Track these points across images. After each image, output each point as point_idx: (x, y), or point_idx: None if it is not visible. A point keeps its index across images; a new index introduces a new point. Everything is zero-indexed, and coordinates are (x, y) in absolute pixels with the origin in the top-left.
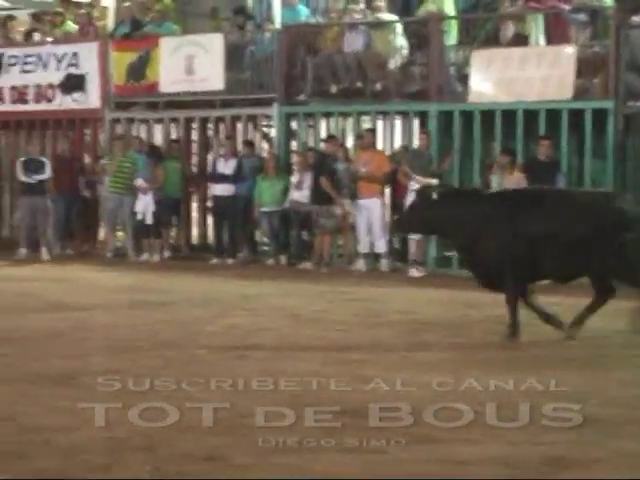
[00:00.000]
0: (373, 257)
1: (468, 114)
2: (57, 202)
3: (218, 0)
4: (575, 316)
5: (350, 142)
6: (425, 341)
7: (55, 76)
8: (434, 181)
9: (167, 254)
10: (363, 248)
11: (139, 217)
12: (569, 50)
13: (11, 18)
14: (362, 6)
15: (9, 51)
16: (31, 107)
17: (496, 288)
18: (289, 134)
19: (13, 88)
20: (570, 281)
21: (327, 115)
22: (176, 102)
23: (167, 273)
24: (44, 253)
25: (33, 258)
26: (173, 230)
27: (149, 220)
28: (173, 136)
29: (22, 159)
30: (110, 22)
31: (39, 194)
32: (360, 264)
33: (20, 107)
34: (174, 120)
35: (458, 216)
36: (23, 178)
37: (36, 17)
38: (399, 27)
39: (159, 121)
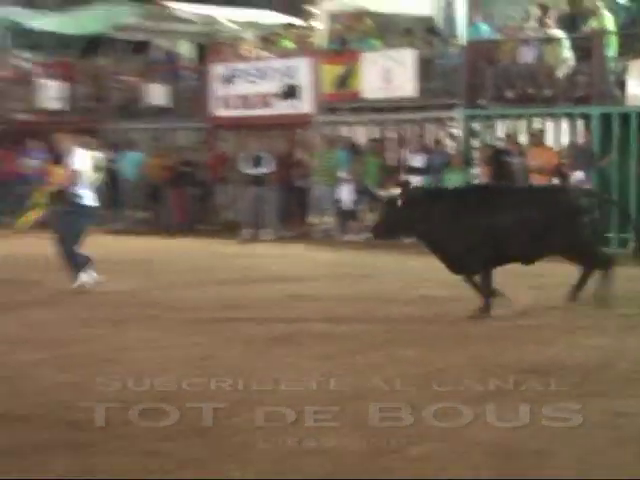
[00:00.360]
0: None
1: (626, 116)
2: (276, 191)
3: (411, 21)
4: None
5: (523, 140)
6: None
7: (275, 86)
8: (397, 190)
9: (366, 235)
10: None
11: (342, 203)
12: None
13: (239, 39)
14: (534, 24)
15: (238, 66)
16: (254, 112)
17: (465, 272)
18: (471, 134)
19: (240, 96)
20: (533, 262)
21: (503, 117)
22: (375, 107)
23: (366, 251)
24: (265, 234)
25: (255, 238)
26: (371, 214)
27: (351, 206)
28: (372, 136)
29: (246, 155)
30: (321, 40)
31: (261, 184)
32: None
33: (245, 112)
34: (373, 122)
35: (422, 216)
36: (248, 171)
37: (261, 38)
38: (566, 42)
39: (361, 123)
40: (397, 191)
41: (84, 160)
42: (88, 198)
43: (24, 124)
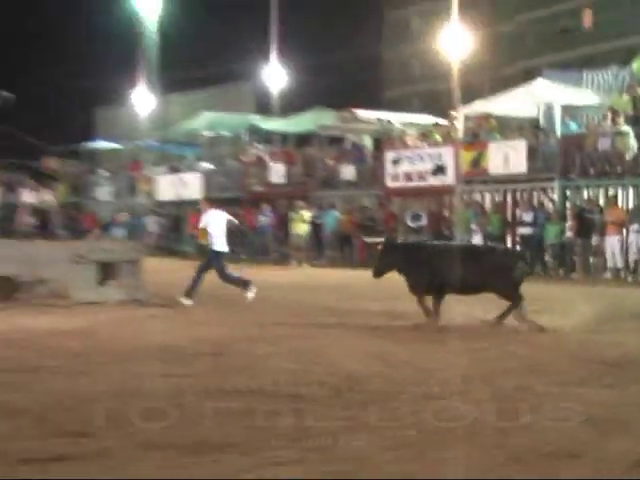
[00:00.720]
0: (615, 270)
1: None
2: (431, 238)
3: (522, 120)
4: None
5: (601, 202)
6: None
7: (428, 166)
8: (380, 239)
9: None
10: (609, 264)
11: None
12: None
13: (404, 134)
14: (609, 122)
15: (403, 152)
16: (414, 184)
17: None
18: (564, 198)
19: (405, 173)
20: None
21: (587, 186)
22: (497, 179)
23: None
24: None
25: None
26: None
27: None
28: (496, 199)
29: (409, 213)
30: (460, 134)
31: (419, 233)
32: (607, 274)
33: (408, 184)
34: (496, 190)
35: (396, 259)
36: (410, 224)
37: (419, 133)
38: (631, 134)
39: (487, 191)
40: (378, 240)
41: (215, 219)
42: (218, 245)
43: (258, 193)
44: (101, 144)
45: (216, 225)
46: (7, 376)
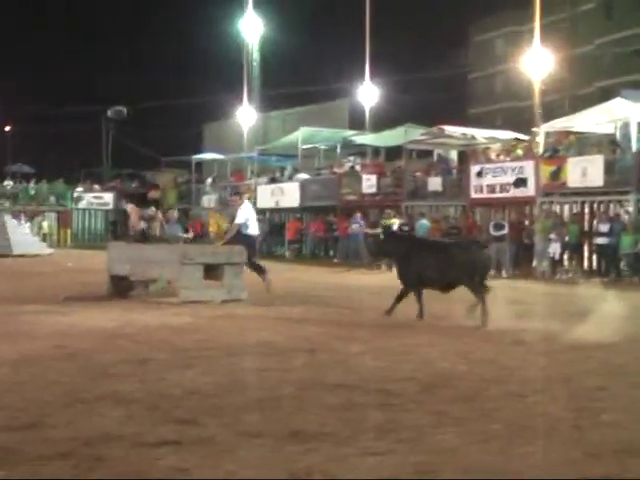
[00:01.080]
0: None
1: None
2: (511, 245)
3: (600, 137)
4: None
5: None
6: None
7: (510, 179)
8: (379, 230)
9: (567, 275)
10: None
11: (553, 254)
12: None
13: (487, 148)
14: None
15: (486, 165)
16: (497, 195)
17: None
18: (639, 211)
19: (488, 185)
20: (449, 289)
21: None
22: (576, 192)
23: (563, 284)
24: (504, 273)
25: (496, 276)
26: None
27: (558, 256)
28: (574, 210)
29: (492, 222)
30: (540, 149)
31: (501, 241)
32: None
33: (491, 195)
34: (574, 202)
35: (392, 247)
36: (493, 232)
37: (501, 148)
38: None
39: (566, 202)
40: (378, 230)
41: (250, 211)
42: (251, 229)
43: (351, 202)
44: (208, 156)
45: (251, 215)
46: (120, 367)
